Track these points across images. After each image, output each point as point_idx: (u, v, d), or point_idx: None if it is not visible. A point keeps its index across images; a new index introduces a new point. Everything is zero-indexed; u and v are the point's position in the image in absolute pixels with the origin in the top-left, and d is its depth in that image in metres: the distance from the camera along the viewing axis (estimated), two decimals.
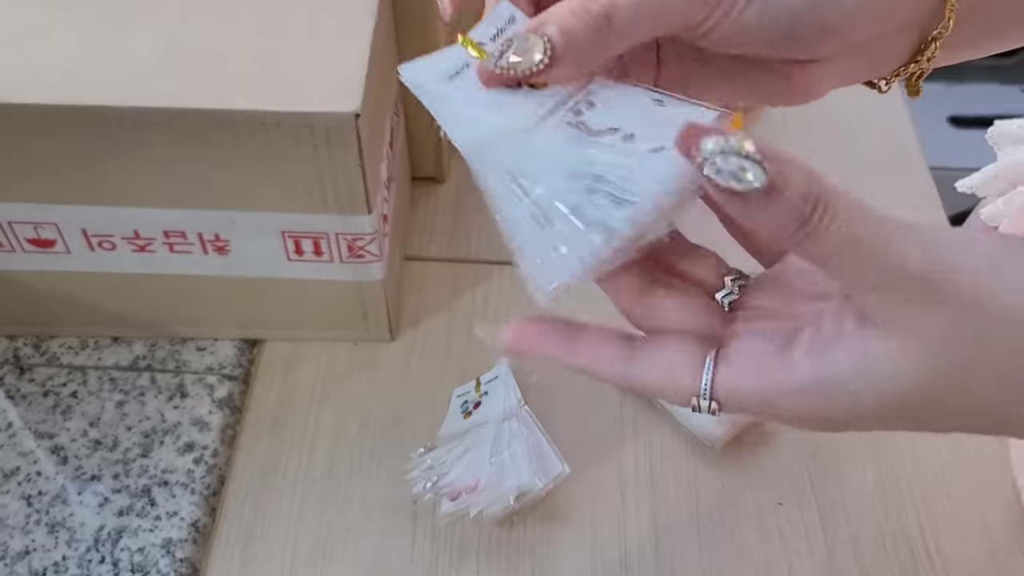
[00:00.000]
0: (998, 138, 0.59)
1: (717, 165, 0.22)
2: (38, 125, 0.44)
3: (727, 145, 0.22)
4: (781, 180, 0.22)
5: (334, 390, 0.55)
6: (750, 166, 0.22)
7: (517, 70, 0.27)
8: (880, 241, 0.22)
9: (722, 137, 0.22)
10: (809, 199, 0.22)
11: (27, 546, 0.48)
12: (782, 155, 0.22)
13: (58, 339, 0.56)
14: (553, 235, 0.25)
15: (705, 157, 0.22)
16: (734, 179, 0.22)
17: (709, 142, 0.22)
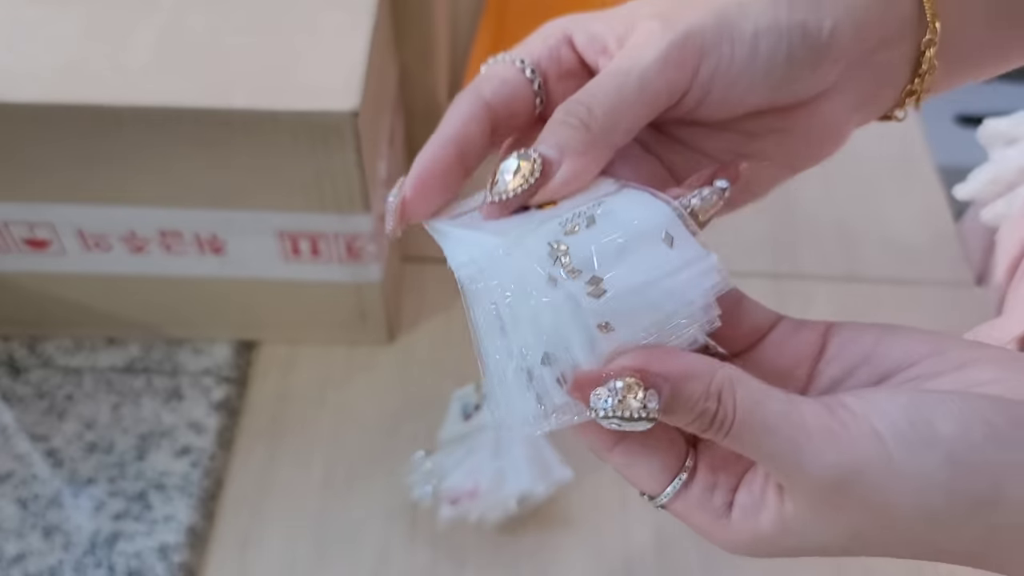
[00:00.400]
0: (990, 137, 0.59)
1: (610, 418, 0.23)
2: (33, 124, 0.43)
3: (621, 394, 0.23)
4: (676, 402, 0.23)
5: (332, 393, 0.55)
6: (640, 417, 0.23)
7: (511, 195, 0.26)
8: (787, 445, 0.23)
9: (611, 390, 0.23)
10: (707, 414, 0.23)
11: (22, 550, 0.47)
12: (680, 370, 0.23)
13: (53, 340, 0.55)
14: (511, 385, 0.25)
15: (600, 415, 0.23)
16: (629, 424, 0.23)
17: (600, 399, 0.23)
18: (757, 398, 0.24)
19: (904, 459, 0.23)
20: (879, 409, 0.24)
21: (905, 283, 0.62)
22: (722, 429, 0.24)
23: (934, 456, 0.23)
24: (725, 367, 0.24)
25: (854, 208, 0.66)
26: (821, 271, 0.62)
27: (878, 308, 0.61)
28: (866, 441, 0.23)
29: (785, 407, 0.24)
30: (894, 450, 0.23)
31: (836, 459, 0.23)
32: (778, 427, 0.23)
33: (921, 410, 0.23)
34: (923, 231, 0.65)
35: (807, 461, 0.23)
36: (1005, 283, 0.57)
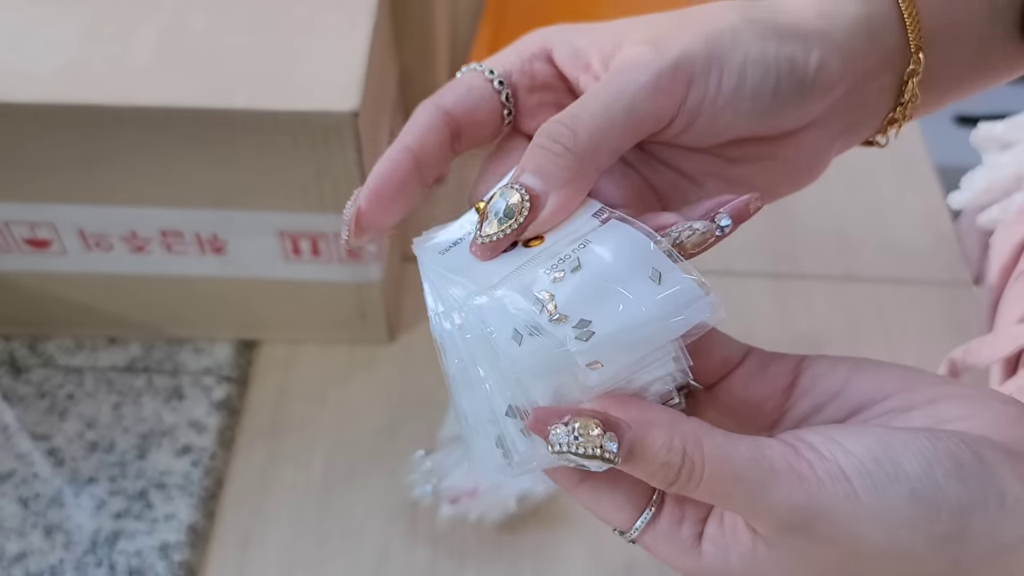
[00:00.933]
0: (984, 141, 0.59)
1: (569, 455, 0.23)
2: (34, 124, 0.43)
3: (579, 432, 0.23)
4: (637, 448, 0.23)
5: (332, 392, 0.55)
6: (596, 455, 0.23)
7: (499, 237, 0.26)
8: (757, 491, 0.23)
9: (569, 427, 0.23)
10: (671, 466, 0.23)
11: (23, 549, 0.47)
12: (641, 418, 0.24)
13: (54, 340, 0.55)
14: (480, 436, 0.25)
15: (557, 449, 0.23)
16: (586, 461, 0.23)
17: (559, 434, 0.23)
18: (725, 450, 0.24)
19: (869, 498, 0.23)
20: (845, 449, 0.24)
21: (904, 283, 0.62)
22: (691, 481, 0.24)
23: (899, 494, 0.23)
24: (692, 421, 0.24)
25: (853, 208, 0.67)
26: (820, 271, 0.62)
27: (877, 308, 0.61)
28: (832, 482, 0.23)
29: (752, 452, 0.24)
30: (859, 488, 0.23)
31: (804, 500, 0.23)
32: (747, 474, 0.23)
33: (887, 449, 0.24)
34: (922, 231, 0.65)
35: (776, 503, 0.23)
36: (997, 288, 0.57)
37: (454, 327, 0.25)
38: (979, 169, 0.59)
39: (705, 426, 0.24)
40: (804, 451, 0.24)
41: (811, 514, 0.23)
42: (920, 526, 0.23)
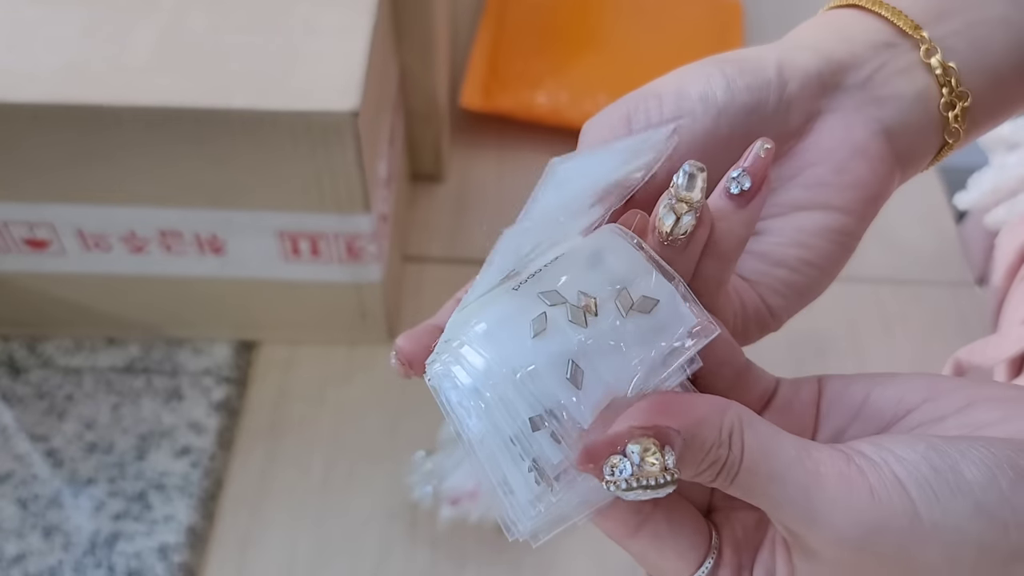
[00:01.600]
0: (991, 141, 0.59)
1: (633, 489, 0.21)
2: (33, 124, 0.43)
3: (641, 459, 0.21)
4: (688, 451, 0.21)
5: (332, 393, 0.55)
6: (665, 477, 0.21)
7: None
8: (799, 494, 0.22)
9: (628, 459, 0.21)
10: (718, 462, 0.22)
11: (22, 551, 0.47)
12: (692, 418, 0.22)
13: (53, 341, 0.55)
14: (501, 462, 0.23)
15: (618, 486, 0.21)
16: (652, 492, 0.21)
17: (617, 469, 0.21)
18: (766, 443, 0.22)
19: (930, 511, 0.21)
20: (898, 456, 0.22)
21: (906, 283, 0.62)
22: (729, 475, 0.22)
23: (963, 508, 0.21)
24: (733, 406, 0.23)
25: None
26: None
27: (879, 308, 0.61)
28: (888, 491, 0.21)
29: (797, 452, 0.22)
30: (919, 500, 0.21)
31: (855, 515, 0.21)
32: (788, 475, 0.22)
33: (944, 457, 0.22)
34: (925, 231, 0.65)
35: (821, 512, 0.21)
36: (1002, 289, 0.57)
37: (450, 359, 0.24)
38: (986, 170, 0.59)
39: (751, 414, 0.23)
40: (855, 457, 0.22)
41: (863, 531, 0.21)
42: (987, 543, 0.21)
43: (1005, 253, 0.57)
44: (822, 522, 0.21)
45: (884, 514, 0.21)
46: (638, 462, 0.21)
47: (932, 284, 0.62)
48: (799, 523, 0.22)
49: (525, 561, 0.48)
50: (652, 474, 0.21)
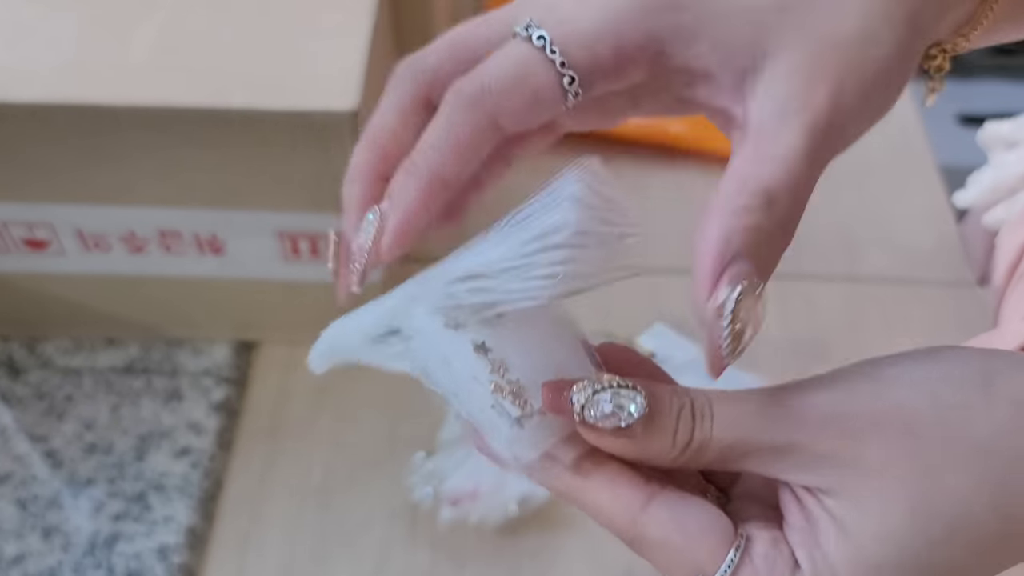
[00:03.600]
0: (990, 140, 0.59)
1: (595, 411, 0.22)
2: (32, 124, 0.43)
3: (597, 387, 0.22)
4: (657, 402, 0.22)
5: (332, 394, 0.55)
6: (627, 397, 0.22)
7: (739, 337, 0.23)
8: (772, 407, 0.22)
9: (588, 382, 0.22)
10: (684, 417, 0.23)
11: (21, 551, 0.47)
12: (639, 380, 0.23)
13: (52, 341, 0.55)
14: None
15: (580, 407, 0.22)
16: (616, 417, 0.22)
17: (578, 393, 0.22)
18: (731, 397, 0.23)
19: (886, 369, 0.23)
20: None
21: (907, 283, 0.62)
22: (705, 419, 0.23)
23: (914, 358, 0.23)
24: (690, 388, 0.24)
25: (856, 208, 0.66)
26: (823, 271, 0.62)
27: (880, 308, 0.60)
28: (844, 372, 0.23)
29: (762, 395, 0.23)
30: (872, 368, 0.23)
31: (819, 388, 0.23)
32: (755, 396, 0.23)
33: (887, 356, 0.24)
34: (925, 231, 0.65)
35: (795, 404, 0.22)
36: (1003, 287, 0.57)
37: None
38: (985, 168, 0.59)
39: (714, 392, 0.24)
40: None
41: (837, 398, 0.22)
42: (954, 376, 0.22)
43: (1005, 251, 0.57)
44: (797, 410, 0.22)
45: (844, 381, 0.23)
46: (599, 386, 0.22)
47: (933, 284, 0.62)
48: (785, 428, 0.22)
49: (524, 563, 0.48)
50: (612, 382, 0.22)
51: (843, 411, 0.22)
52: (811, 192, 0.25)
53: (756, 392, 0.23)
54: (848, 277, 0.62)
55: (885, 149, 0.70)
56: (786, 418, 0.22)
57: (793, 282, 0.61)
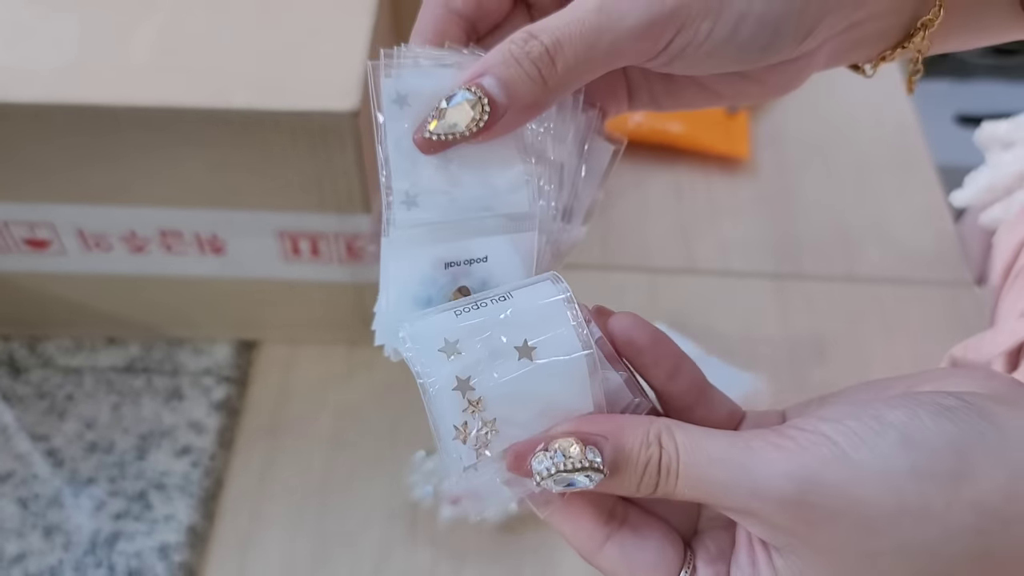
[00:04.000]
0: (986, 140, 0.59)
1: (554, 485, 0.23)
2: (33, 124, 0.43)
3: (558, 467, 0.23)
4: (619, 456, 0.23)
5: (332, 393, 0.55)
6: (586, 476, 0.23)
7: (448, 138, 0.25)
8: (737, 472, 0.23)
9: (550, 451, 0.23)
10: (652, 463, 0.23)
11: (22, 550, 0.47)
12: (614, 426, 0.24)
13: (53, 340, 0.55)
14: None
15: (544, 475, 0.23)
16: (575, 486, 0.23)
17: (541, 460, 0.23)
18: (698, 436, 0.24)
19: (859, 453, 0.22)
20: (823, 417, 0.23)
21: (905, 283, 0.62)
22: (671, 475, 0.23)
23: (888, 441, 0.22)
24: (659, 419, 0.24)
25: (854, 208, 0.66)
26: (821, 271, 0.62)
27: (878, 308, 0.61)
28: (816, 445, 0.22)
29: (728, 438, 0.23)
30: (845, 444, 0.22)
31: (787, 467, 0.22)
32: (724, 456, 0.23)
33: (866, 408, 0.23)
34: (923, 231, 0.65)
35: (759, 477, 0.22)
36: (999, 286, 0.57)
37: None
38: (982, 168, 0.59)
39: (677, 422, 0.24)
40: (784, 429, 0.23)
41: (800, 483, 0.22)
42: (922, 470, 0.22)
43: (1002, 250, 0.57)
44: (762, 485, 0.22)
45: (814, 462, 0.22)
46: (559, 455, 0.23)
47: (932, 284, 0.62)
48: (745, 498, 0.23)
49: (525, 561, 0.48)
50: (573, 458, 0.23)
51: (805, 499, 0.22)
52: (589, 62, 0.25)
53: (727, 447, 0.23)
54: (846, 277, 0.62)
55: (883, 149, 0.70)
56: (750, 489, 0.23)
57: (792, 282, 0.61)
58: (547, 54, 0.25)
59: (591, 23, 0.25)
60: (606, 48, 0.25)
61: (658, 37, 0.25)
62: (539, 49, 0.25)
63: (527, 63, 0.25)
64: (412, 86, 0.26)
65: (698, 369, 0.28)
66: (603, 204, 0.65)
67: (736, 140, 0.67)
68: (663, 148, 0.67)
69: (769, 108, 0.71)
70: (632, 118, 0.67)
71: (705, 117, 0.67)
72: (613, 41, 0.25)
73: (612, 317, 0.26)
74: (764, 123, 0.71)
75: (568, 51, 0.25)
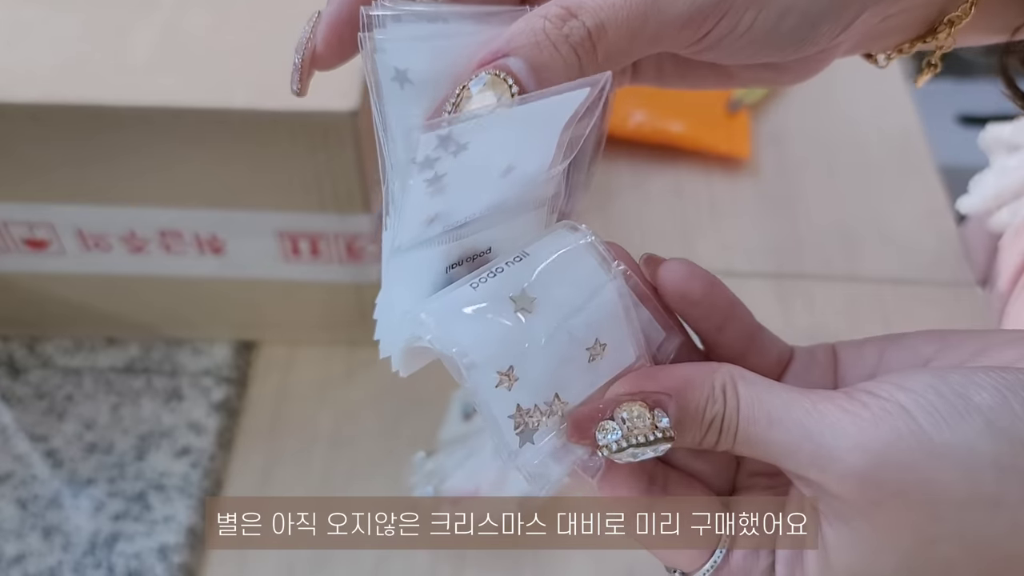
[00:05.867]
0: (991, 143, 0.59)
1: (623, 454, 0.21)
2: (33, 124, 0.43)
3: (627, 430, 0.21)
4: (684, 414, 0.22)
5: (332, 393, 0.55)
6: (652, 448, 0.21)
7: None
8: (799, 433, 0.21)
9: (616, 420, 0.21)
10: (716, 419, 0.22)
11: (21, 551, 0.47)
12: (679, 382, 0.22)
13: (52, 341, 0.55)
14: None
15: (613, 449, 0.22)
16: (645, 449, 0.22)
17: (607, 433, 0.22)
18: (762, 391, 0.22)
19: (939, 432, 0.20)
20: (901, 386, 0.21)
21: (907, 283, 0.62)
22: (729, 433, 0.22)
23: (973, 426, 0.20)
24: (724, 366, 0.23)
25: (856, 208, 0.66)
26: (823, 271, 0.62)
27: (880, 308, 0.60)
28: (892, 417, 0.20)
29: (793, 396, 0.22)
30: (926, 423, 0.20)
31: (859, 439, 0.20)
32: (787, 418, 0.21)
33: (950, 383, 0.21)
34: (925, 231, 0.65)
35: (825, 445, 0.21)
36: (1007, 292, 0.57)
37: None
38: (987, 172, 0.59)
39: (742, 370, 0.23)
40: (856, 394, 0.22)
41: (871, 455, 0.20)
42: (1005, 462, 0.20)
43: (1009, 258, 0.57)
44: (827, 455, 0.21)
45: (890, 437, 0.20)
46: (627, 424, 0.21)
47: (933, 284, 0.62)
48: (807, 465, 0.21)
49: (525, 561, 0.48)
50: (641, 430, 0.21)
51: (874, 475, 0.21)
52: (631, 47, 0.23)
53: (790, 407, 0.22)
54: (848, 277, 0.62)
55: (885, 149, 0.70)
56: (813, 457, 0.21)
57: (793, 281, 0.61)
58: (589, 38, 0.22)
59: (638, 7, 0.22)
60: (650, 35, 0.23)
61: (703, 25, 0.24)
62: (581, 32, 0.22)
63: (565, 48, 0.22)
64: (412, 59, 0.22)
65: (749, 313, 0.26)
66: (603, 204, 0.65)
67: (737, 140, 0.67)
68: (664, 148, 0.67)
69: (770, 107, 0.71)
70: (633, 118, 0.67)
71: (706, 116, 0.67)
72: (659, 28, 0.23)
73: (663, 265, 0.25)
74: (765, 123, 0.71)
75: (612, 36, 0.22)
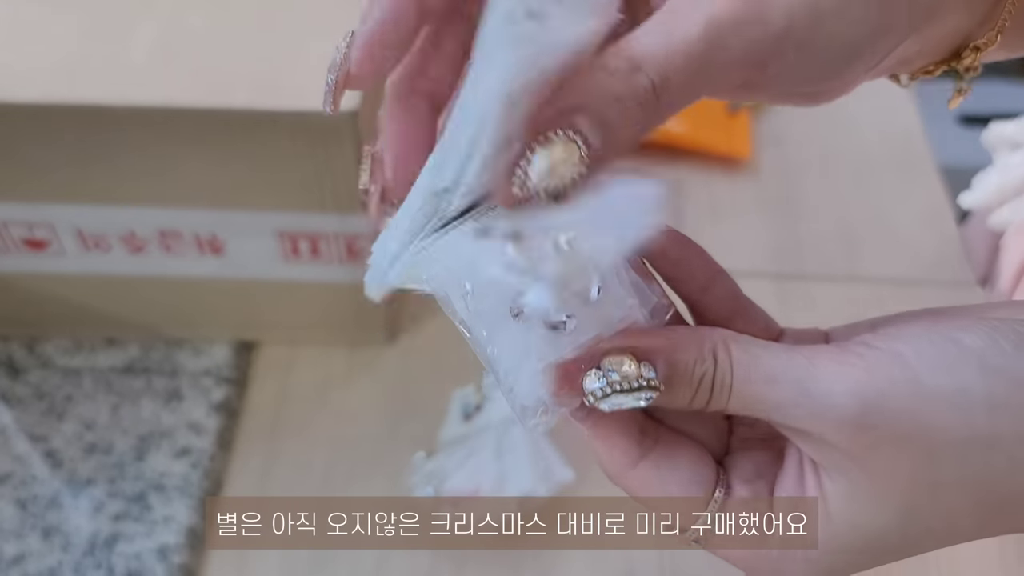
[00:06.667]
0: (995, 141, 0.59)
1: (608, 401, 0.21)
2: (32, 124, 0.43)
3: (612, 378, 0.21)
4: (673, 372, 0.22)
5: (332, 393, 0.55)
6: (640, 396, 0.21)
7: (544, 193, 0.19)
8: (794, 388, 0.21)
9: (602, 370, 0.21)
10: (706, 378, 0.22)
11: (21, 551, 0.47)
12: (669, 342, 0.22)
13: (52, 341, 0.55)
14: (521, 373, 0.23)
15: (597, 396, 0.22)
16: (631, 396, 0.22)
17: (592, 380, 0.21)
18: (755, 350, 0.22)
19: (933, 375, 0.20)
20: (894, 334, 0.21)
21: (907, 283, 0.62)
22: (723, 391, 0.22)
23: (966, 368, 0.20)
24: (716, 330, 0.23)
25: (856, 208, 0.66)
26: (823, 271, 0.62)
27: (880, 308, 0.60)
28: (886, 365, 0.21)
29: (788, 353, 0.22)
30: (919, 367, 0.20)
31: (852, 385, 0.20)
32: (782, 375, 0.21)
33: (943, 330, 0.21)
34: (925, 231, 0.65)
35: (818, 395, 0.21)
36: (1010, 290, 0.57)
37: None
38: (990, 169, 0.59)
39: (734, 333, 0.23)
40: (851, 346, 0.22)
41: (866, 405, 0.20)
42: (999, 401, 0.20)
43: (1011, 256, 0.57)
44: (823, 403, 0.21)
45: (882, 382, 0.21)
46: (613, 373, 0.21)
47: (934, 284, 0.62)
48: (802, 417, 0.21)
49: (525, 561, 0.48)
50: (628, 376, 0.21)
51: (868, 420, 0.21)
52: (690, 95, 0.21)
53: (785, 364, 0.22)
54: (848, 277, 0.62)
55: (885, 149, 0.70)
56: (808, 410, 0.21)
57: (793, 282, 0.61)
58: (653, 91, 0.20)
59: (699, 55, 0.21)
60: (709, 80, 0.21)
61: (759, 67, 0.22)
62: (645, 85, 0.20)
63: (631, 103, 0.20)
64: None
65: (733, 282, 0.26)
66: None
67: (738, 140, 0.67)
68: (664, 148, 0.67)
69: (771, 108, 0.71)
70: None
71: (706, 117, 0.67)
72: (718, 74, 0.21)
73: None
74: (766, 123, 0.71)
75: (674, 87, 0.21)
